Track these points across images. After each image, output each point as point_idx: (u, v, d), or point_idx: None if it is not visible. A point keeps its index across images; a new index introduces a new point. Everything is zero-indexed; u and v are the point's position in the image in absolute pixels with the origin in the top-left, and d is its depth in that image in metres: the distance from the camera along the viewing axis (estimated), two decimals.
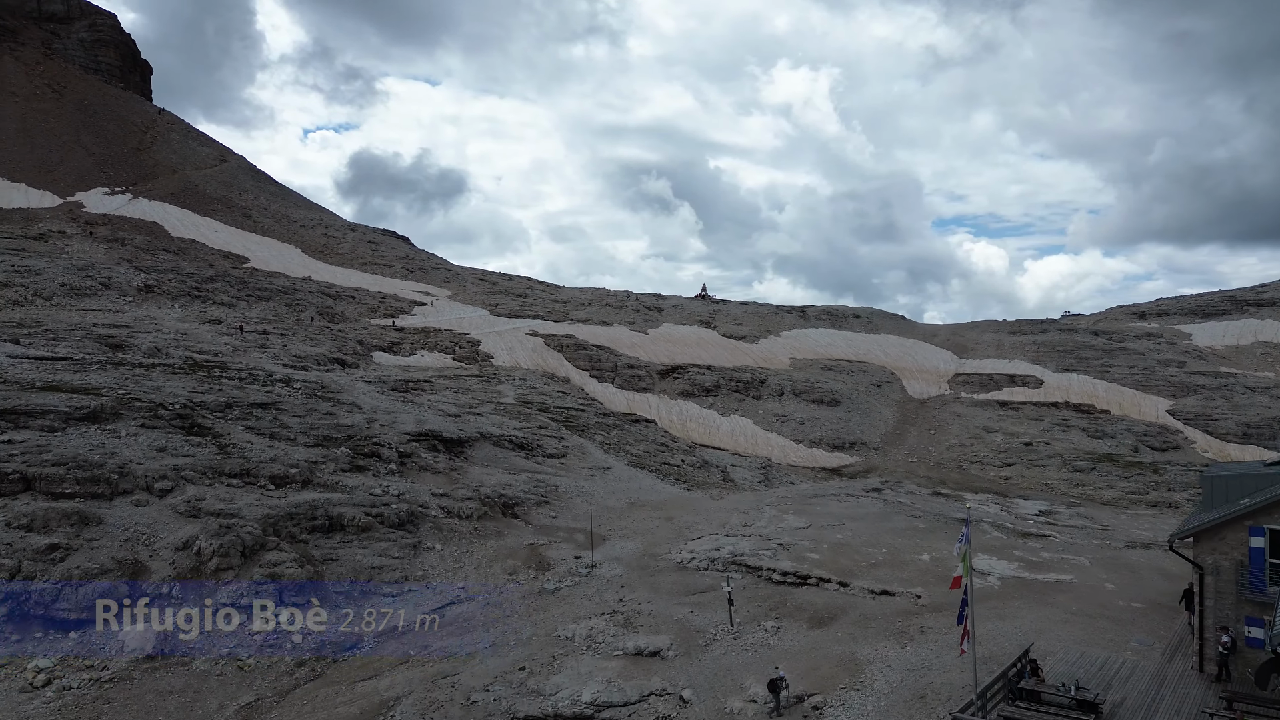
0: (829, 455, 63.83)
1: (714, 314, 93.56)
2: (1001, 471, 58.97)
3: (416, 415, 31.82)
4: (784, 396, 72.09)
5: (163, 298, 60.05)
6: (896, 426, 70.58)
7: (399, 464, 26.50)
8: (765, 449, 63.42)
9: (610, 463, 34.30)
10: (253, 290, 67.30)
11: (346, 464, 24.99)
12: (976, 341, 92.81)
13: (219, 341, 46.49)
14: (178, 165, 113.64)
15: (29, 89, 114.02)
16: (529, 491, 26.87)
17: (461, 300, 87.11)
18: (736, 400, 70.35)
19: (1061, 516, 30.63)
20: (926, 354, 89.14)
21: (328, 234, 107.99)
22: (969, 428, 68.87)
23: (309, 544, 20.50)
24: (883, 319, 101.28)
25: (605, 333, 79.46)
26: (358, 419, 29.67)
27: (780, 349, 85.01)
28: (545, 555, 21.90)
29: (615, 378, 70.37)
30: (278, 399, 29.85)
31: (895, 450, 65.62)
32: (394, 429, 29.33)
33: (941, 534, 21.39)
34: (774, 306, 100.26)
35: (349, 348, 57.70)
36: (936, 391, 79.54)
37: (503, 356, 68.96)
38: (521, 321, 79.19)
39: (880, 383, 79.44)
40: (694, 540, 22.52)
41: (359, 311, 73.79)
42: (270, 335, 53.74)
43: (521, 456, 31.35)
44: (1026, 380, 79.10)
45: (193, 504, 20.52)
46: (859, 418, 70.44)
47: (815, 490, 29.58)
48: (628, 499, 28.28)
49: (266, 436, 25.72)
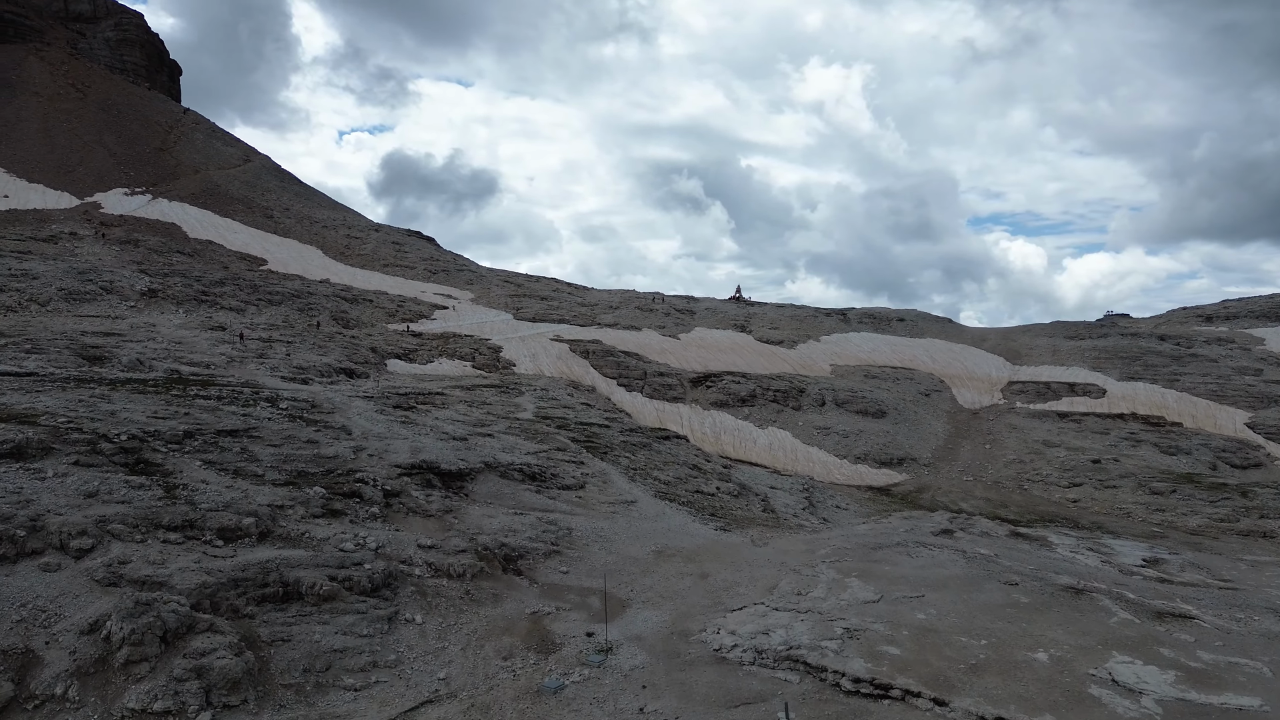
0: (876, 472, 58.97)
1: (749, 317, 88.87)
2: (1068, 493, 53.68)
3: (413, 441, 27.78)
4: (825, 407, 67.30)
5: (167, 302, 56.96)
6: (948, 440, 65.44)
7: (383, 506, 22.43)
8: (806, 465, 58.72)
9: (635, 494, 30.00)
10: (264, 294, 64.10)
11: (319, 508, 20.97)
12: (1030, 347, 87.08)
13: (215, 351, 43.01)
14: (200, 165, 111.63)
15: (52, 89, 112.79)
16: (537, 538, 22.66)
17: (485, 303, 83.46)
18: (774, 411, 65.72)
19: (1172, 567, 25.77)
20: (977, 360, 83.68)
21: (350, 235, 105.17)
22: (1027, 442, 63.57)
23: (255, 619, 16.47)
24: (928, 322, 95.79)
25: (634, 338, 75.26)
26: (343, 448, 25.70)
27: (820, 355, 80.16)
28: (550, 630, 17.64)
29: (644, 386, 66.15)
30: (254, 424, 26.00)
31: (948, 467, 60.53)
32: (384, 460, 25.30)
33: (1054, 614, 16.77)
34: (813, 309, 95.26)
35: (360, 356, 54.09)
36: (989, 401, 74.20)
37: (525, 364, 65.06)
38: (546, 326, 75.27)
39: (928, 391, 74.29)
40: (735, 612, 18.16)
41: (376, 316, 70.38)
42: (275, 343, 50.28)
43: (532, 490, 27.17)
44: (1088, 389, 73.42)
45: (114, 569, 16.60)
46: (907, 430, 65.43)
47: (877, 536, 25.02)
48: (654, 545, 23.96)
49: (228, 473, 21.81)
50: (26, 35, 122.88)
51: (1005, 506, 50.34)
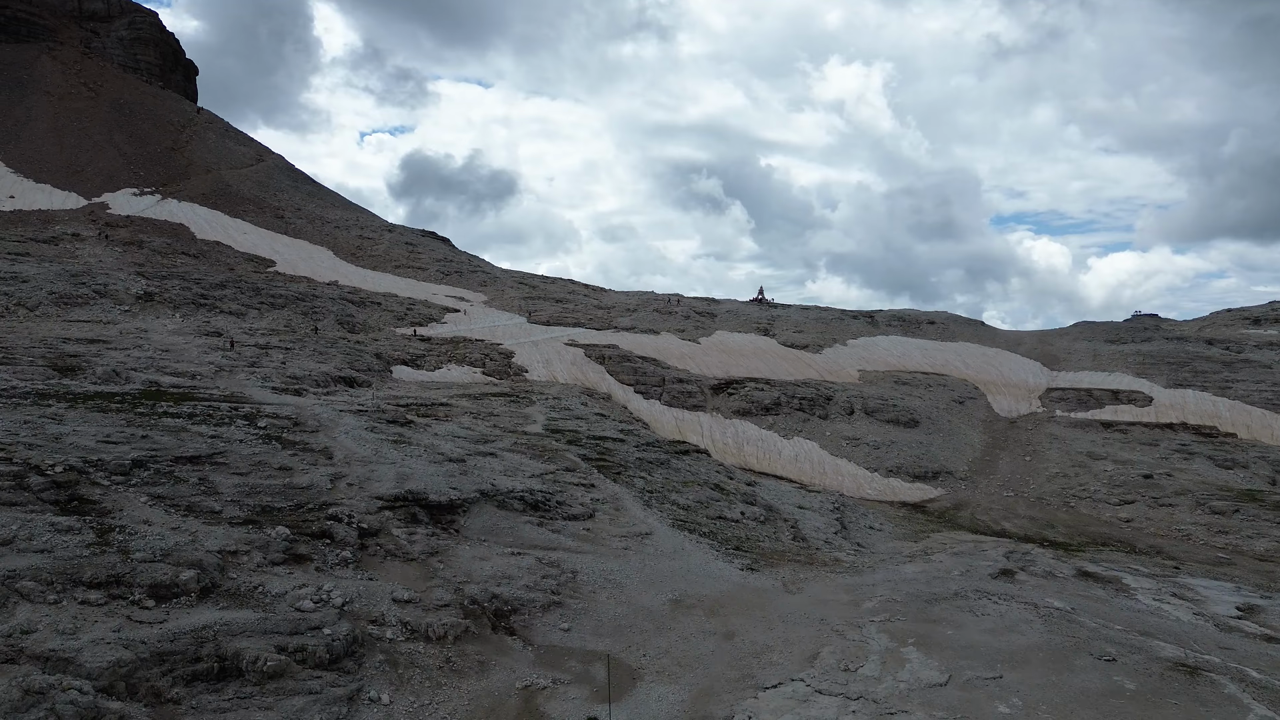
0: (909, 487, 55.42)
1: (772, 320, 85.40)
2: (1120, 512, 49.88)
3: (401, 466, 24.76)
4: (854, 415, 63.79)
5: (163, 306, 54.51)
6: (985, 451, 61.72)
7: (357, 548, 19.43)
8: (835, 479, 55.30)
9: (651, 524, 26.85)
10: (266, 297, 61.56)
11: (280, 553, 17.99)
12: (1068, 351, 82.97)
13: (204, 359, 40.34)
14: (212, 165, 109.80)
15: (64, 88, 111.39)
16: (535, 585, 19.57)
17: (498, 306, 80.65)
18: (800, 420, 62.31)
19: (1272, 616, 22.23)
20: (1013, 365, 79.75)
21: (363, 235, 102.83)
22: (1070, 454, 59.73)
23: (181, 705, 13.48)
24: (959, 325, 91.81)
25: (652, 342, 72.10)
26: (320, 475, 22.73)
27: (847, 359, 76.60)
28: (544, 713, 14.53)
29: (663, 394, 63.00)
30: (221, 447, 23.10)
31: (986, 481, 56.85)
32: (364, 491, 22.30)
33: (1172, 707, 13.41)
34: (839, 311, 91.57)
35: (363, 362, 51.33)
36: (1027, 409, 70.35)
37: (538, 370, 62.11)
38: (560, 330, 72.29)
39: (962, 399, 70.53)
40: (768, 691, 14.95)
41: (384, 319, 67.72)
42: (272, 349, 47.63)
43: (534, 522, 24.08)
44: (1133, 397, 69.36)
45: (15, 640, 13.66)
46: (941, 441, 61.80)
47: (930, 581, 21.68)
48: (671, 592, 20.79)
49: (179, 510, 18.89)
50: (40, 34, 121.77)
51: (1052, 527, 46.65)
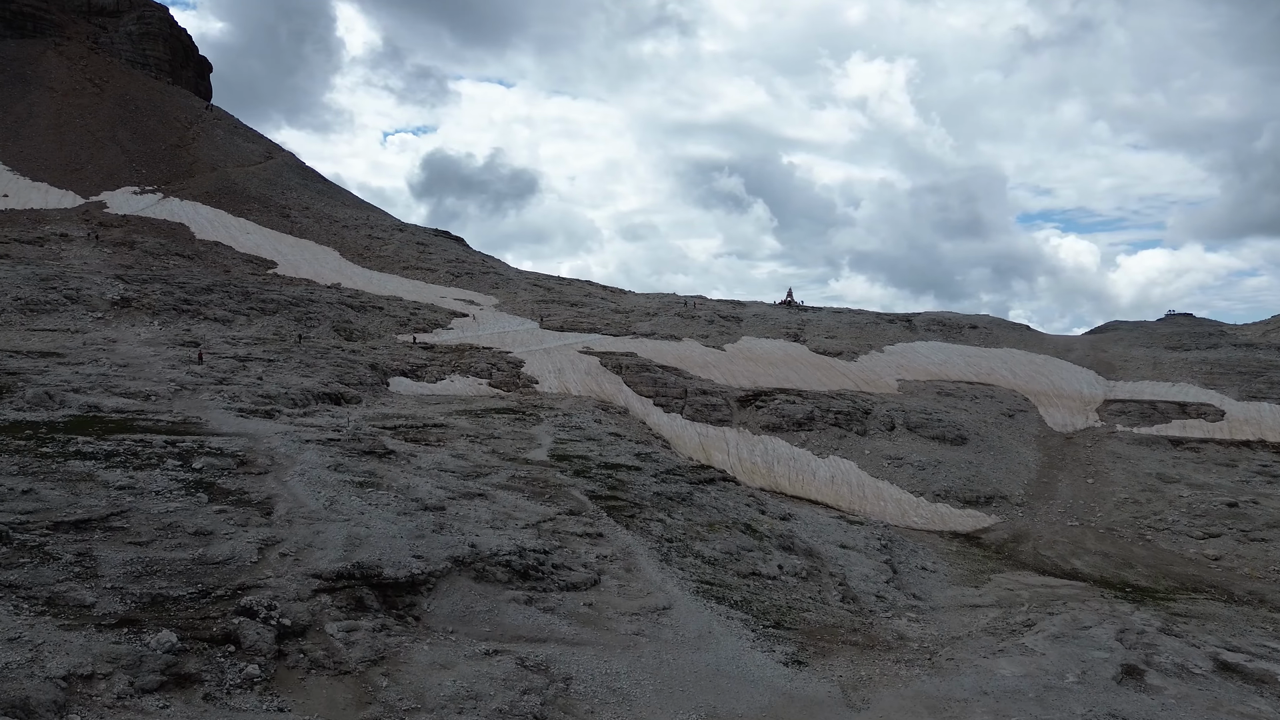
0: (959, 514, 49.89)
1: (802, 325, 79.91)
2: (1205, 547, 44.02)
3: (356, 525, 19.79)
4: (895, 431, 58.28)
5: (140, 313, 50.19)
6: (1041, 472, 55.95)
7: (272, 657, 14.48)
8: (876, 504, 49.87)
9: (669, 591, 21.75)
10: (256, 302, 57.13)
11: (158, 672, 13.09)
12: (1125, 358, 76.73)
13: (166, 376, 35.76)
14: (218, 162, 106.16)
15: (69, 84, 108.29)
16: (512, 707, 14.58)
17: (509, 310, 75.90)
18: (836, 436, 56.89)
19: None
20: (1064, 374, 73.72)
21: (372, 235, 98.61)
22: (1137, 476, 53.83)
23: None
24: (1003, 329, 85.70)
25: (673, 349, 66.97)
26: (246, 543, 17.83)
27: (885, 368, 70.99)
28: None
29: (685, 406, 57.87)
30: (127, 503, 18.31)
31: (1045, 507, 51.14)
32: (299, 564, 17.38)
33: None
34: (874, 315, 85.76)
35: (356, 375, 46.65)
36: (1084, 423, 64.41)
37: (549, 381, 57.23)
38: (575, 336, 67.38)
39: (1012, 411, 64.73)
40: None
41: (385, 325, 63.14)
42: (252, 361, 43.07)
43: (521, 598, 19.06)
44: (1202, 410, 63.20)
45: None
46: (992, 460, 56.12)
47: (1036, 688, 16.47)
48: (695, 711, 15.64)
49: (34, 606, 14.06)
50: (47, 30, 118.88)
51: (1130, 566, 40.95)
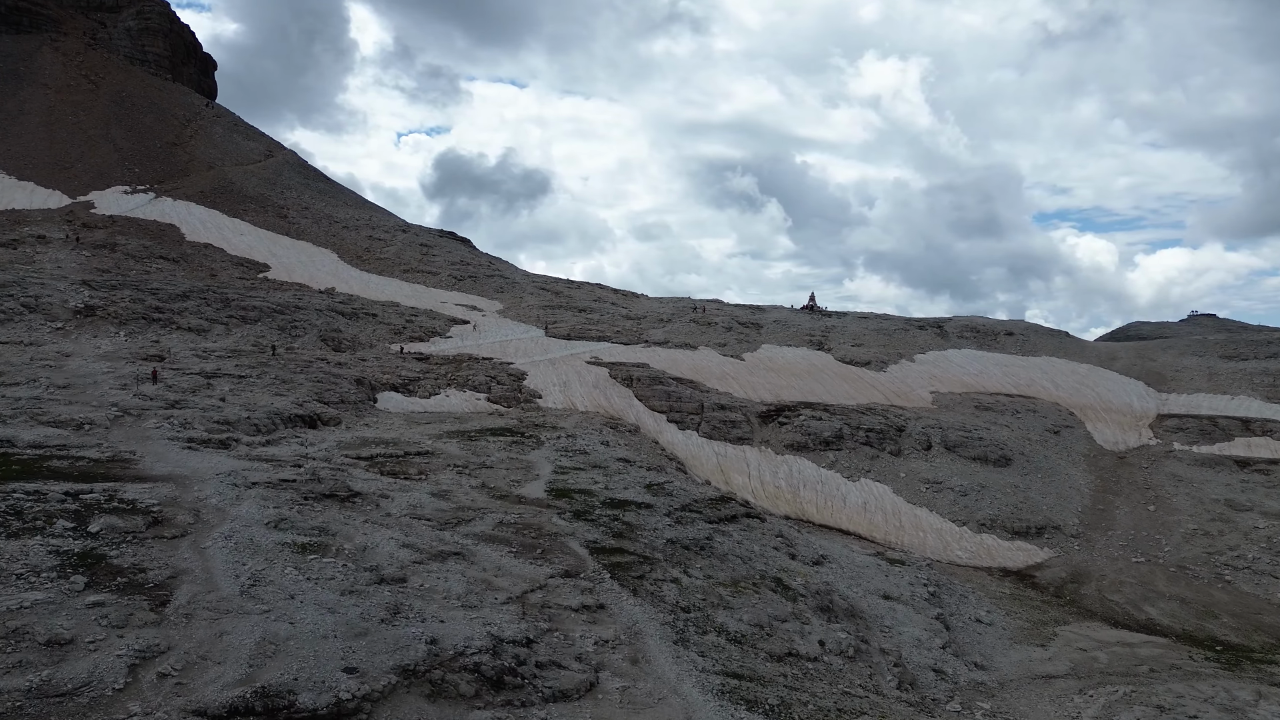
0: (1008, 547, 44.81)
1: (827, 332, 74.85)
2: None
3: (274, 621, 15.13)
4: (932, 451, 53.23)
5: (106, 322, 45.93)
6: (1095, 497, 50.72)
7: None
8: (914, 534, 44.89)
9: (686, 695, 17.09)
10: (236, 310, 52.77)
11: None
12: (1176, 368, 71.21)
13: (110, 399, 31.32)
14: (216, 161, 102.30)
15: (63, 80, 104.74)
16: None
17: (514, 316, 71.32)
18: (867, 457, 51.90)
19: None
20: (1110, 385, 68.33)
21: (373, 236, 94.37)
22: (1204, 503, 48.52)
23: None
24: (1041, 336, 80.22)
25: (689, 359, 62.15)
26: (112, 656, 13.19)
27: (916, 379, 65.87)
28: None
29: (701, 423, 53.04)
30: None
31: (1104, 539, 45.96)
32: (181, 693, 12.71)
33: None
34: (902, 321, 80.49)
35: (338, 391, 42.14)
36: (1137, 440, 59.07)
37: (554, 395, 52.59)
38: (582, 345, 62.69)
39: (1057, 427, 59.48)
40: None
41: (378, 334, 58.69)
42: (219, 379, 38.63)
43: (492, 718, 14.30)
44: (1268, 427, 57.74)
45: None
46: (1040, 483, 50.96)
47: None
48: None
49: None
50: (43, 25, 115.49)
51: (1213, 616, 35.87)
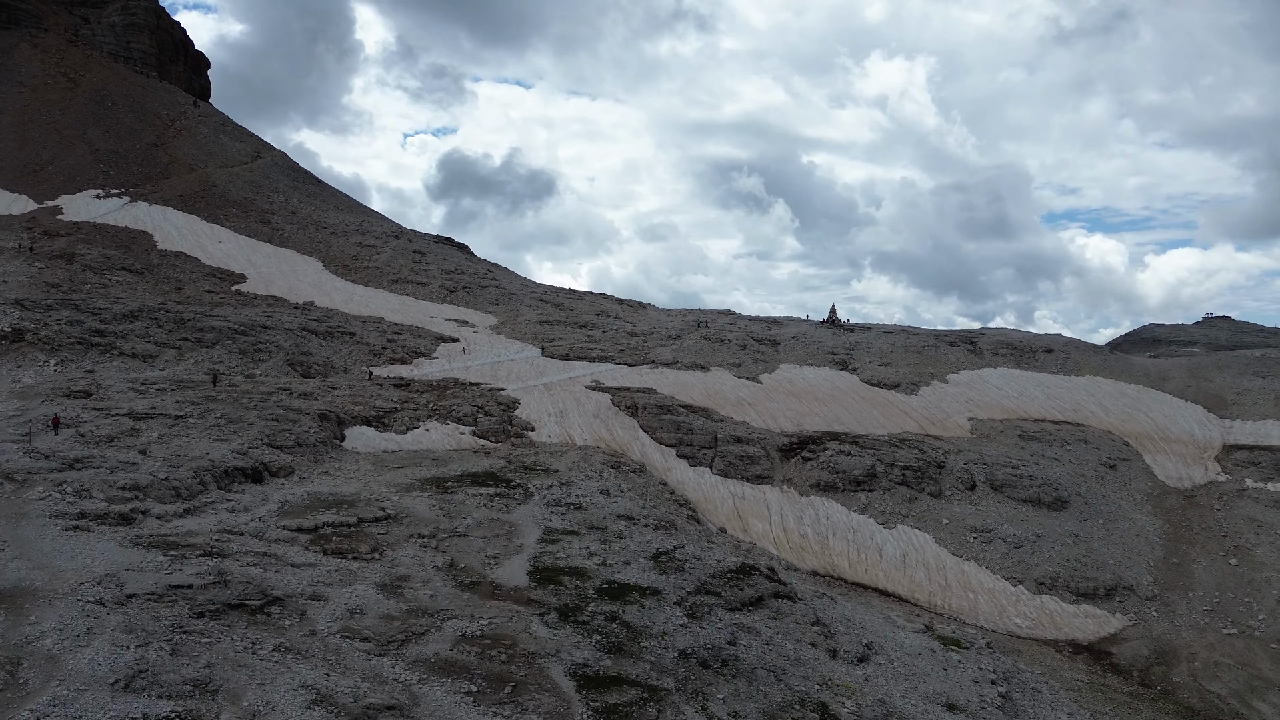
0: (1074, 612, 38.55)
1: (850, 349, 68.56)
2: None
3: None
4: (976, 491, 47.03)
5: (34, 349, 40.18)
6: (1167, 548, 44.40)
7: None
8: (963, 597, 38.71)
9: None
10: (193, 331, 46.93)
11: None
12: (1236, 390, 64.67)
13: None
14: (199, 163, 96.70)
15: (40, 78, 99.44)
16: None
17: (508, 333, 65.34)
18: (904, 499, 45.72)
19: None
20: (1166, 410, 61.89)
21: (363, 243, 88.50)
22: None
23: None
24: (1083, 353, 73.56)
25: (700, 383, 56.05)
26: None
27: (952, 403, 59.56)
28: None
29: (715, 458, 47.00)
30: None
31: (1184, 602, 39.64)
32: None
33: None
34: (931, 335, 73.95)
35: (295, 431, 36.22)
36: (1203, 476, 52.70)
37: (549, 427, 46.69)
38: (582, 367, 56.67)
39: (1113, 461, 53.14)
40: None
41: (355, 356, 52.82)
42: (151, 419, 32.79)
43: None
44: None
45: None
46: (1103, 532, 44.67)
47: None
48: None
49: None
50: (23, 20, 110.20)
51: None
